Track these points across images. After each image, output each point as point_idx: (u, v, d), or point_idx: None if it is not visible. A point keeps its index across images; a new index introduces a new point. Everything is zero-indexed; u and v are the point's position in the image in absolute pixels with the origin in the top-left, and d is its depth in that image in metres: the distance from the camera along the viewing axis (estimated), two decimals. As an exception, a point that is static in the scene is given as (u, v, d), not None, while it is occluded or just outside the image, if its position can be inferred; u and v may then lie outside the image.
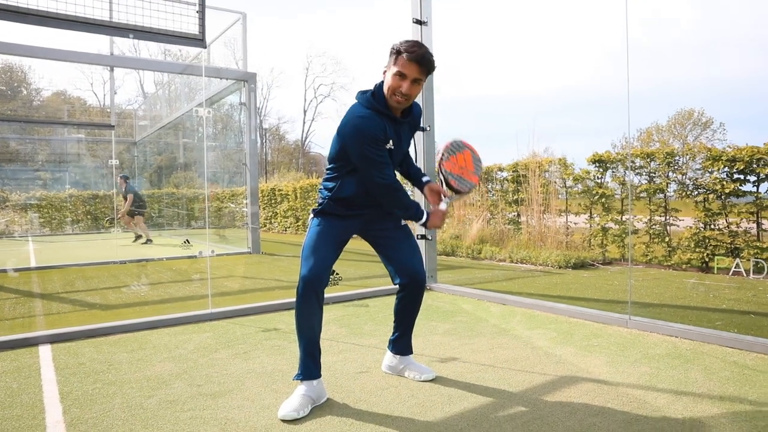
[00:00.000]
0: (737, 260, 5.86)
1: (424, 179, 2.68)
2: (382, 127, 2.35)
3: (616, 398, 2.37)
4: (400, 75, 2.30)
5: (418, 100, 5.04)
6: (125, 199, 10.74)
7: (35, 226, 13.13)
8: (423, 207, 2.53)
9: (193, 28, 4.18)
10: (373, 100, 2.39)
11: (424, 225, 2.49)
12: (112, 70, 11.44)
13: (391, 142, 2.40)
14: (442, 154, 2.57)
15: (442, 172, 2.54)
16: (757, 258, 5.74)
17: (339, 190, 2.44)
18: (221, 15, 9.07)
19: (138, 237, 10.95)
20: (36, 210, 13.30)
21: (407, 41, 2.33)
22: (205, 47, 4.67)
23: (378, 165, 2.34)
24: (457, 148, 2.60)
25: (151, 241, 10.77)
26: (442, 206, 2.55)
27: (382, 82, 2.41)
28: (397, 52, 2.31)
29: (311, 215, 2.53)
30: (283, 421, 2.19)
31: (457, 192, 2.56)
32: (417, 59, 2.27)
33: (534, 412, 2.24)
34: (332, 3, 50.81)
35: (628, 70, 3.59)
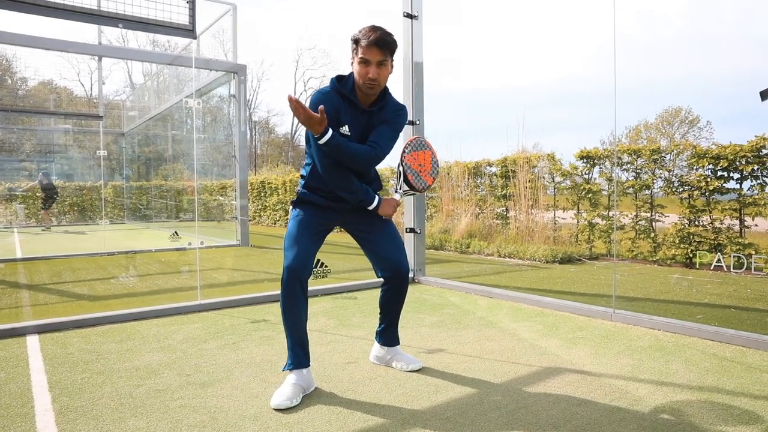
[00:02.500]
0: (719, 255, 5.97)
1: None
2: (336, 107, 2.37)
3: (599, 388, 2.42)
4: (365, 62, 2.33)
5: (408, 93, 5.08)
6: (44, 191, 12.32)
7: (20, 218, 12.98)
8: (374, 193, 2.51)
9: (183, 19, 4.16)
10: (337, 82, 2.42)
11: (375, 210, 2.51)
12: (99, 59, 11.31)
13: (346, 127, 2.39)
14: (405, 147, 2.58)
15: (402, 164, 2.55)
16: (738, 254, 5.85)
17: (311, 177, 2.48)
18: (211, 6, 9.02)
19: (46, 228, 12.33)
20: (21, 201, 13.15)
21: (364, 28, 2.35)
22: (195, 38, 4.65)
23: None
24: (419, 145, 2.62)
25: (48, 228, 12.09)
26: (396, 197, 2.58)
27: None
28: (356, 41, 2.35)
29: (291, 206, 2.56)
30: (276, 410, 2.21)
31: (411, 187, 2.57)
32: (375, 42, 2.30)
33: (519, 402, 2.28)
34: (323, -4, 50.51)
35: (615, 69, 3.64)
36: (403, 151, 2.57)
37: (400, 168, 2.56)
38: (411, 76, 5.01)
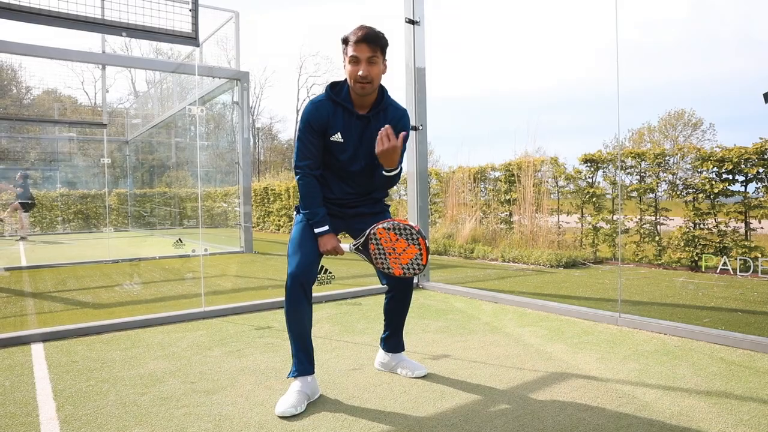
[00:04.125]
0: (725, 258, 5.94)
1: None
2: (325, 115, 2.36)
3: (606, 394, 2.41)
4: (354, 60, 2.29)
5: (410, 98, 5.08)
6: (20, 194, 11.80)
7: (26, 225, 13.02)
8: (326, 222, 2.38)
9: (186, 27, 4.17)
10: (331, 90, 2.40)
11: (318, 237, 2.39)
12: (103, 68, 11.38)
13: (339, 134, 2.38)
14: (388, 221, 2.27)
15: (371, 232, 2.28)
16: (744, 257, 5.81)
17: None
18: (214, 13, 9.06)
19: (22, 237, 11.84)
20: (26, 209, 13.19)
21: (353, 28, 2.33)
22: (198, 46, 4.67)
23: (298, 150, 2.39)
24: (407, 235, 2.24)
25: (24, 238, 11.62)
26: (345, 246, 2.38)
27: None
28: (344, 41, 2.33)
29: (295, 212, 2.56)
30: (281, 417, 2.20)
31: (368, 255, 2.31)
32: (363, 38, 2.27)
33: (525, 408, 2.27)
34: (326, 2, 50.78)
35: (618, 72, 3.63)
36: (382, 222, 2.28)
37: (368, 233, 2.30)
38: (413, 81, 5.02)
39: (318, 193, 2.40)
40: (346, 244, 2.42)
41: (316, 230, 2.38)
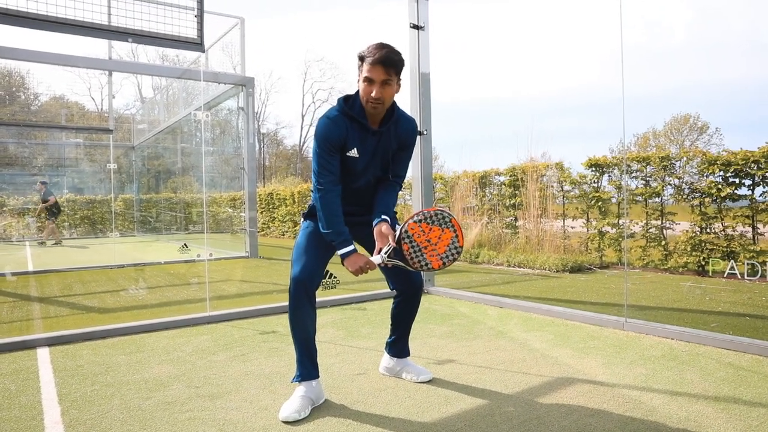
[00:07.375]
0: (732, 263, 5.89)
1: (382, 216, 2.37)
2: (343, 131, 2.32)
3: (612, 399, 2.39)
4: (368, 80, 2.25)
5: (415, 103, 5.08)
6: (45, 202, 11.95)
7: (32, 231, 13.10)
8: (351, 241, 2.31)
9: (191, 33, 4.20)
10: (344, 104, 2.36)
11: (342, 260, 2.31)
12: (110, 74, 11.48)
13: (355, 150, 2.35)
14: (416, 215, 2.26)
15: (402, 230, 2.24)
16: (752, 261, 5.77)
17: None
18: (219, 20, 9.12)
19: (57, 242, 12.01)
20: (33, 214, 13.28)
21: (371, 45, 2.28)
22: (204, 51, 4.70)
23: (318, 168, 2.31)
24: (440, 221, 2.24)
25: (60, 243, 11.92)
26: (375, 259, 2.26)
27: None
28: (361, 59, 2.28)
29: (302, 218, 2.55)
30: (285, 422, 2.20)
31: (402, 259, 2.24)
32: (380, 61, 2.22)
33: (531, 413, 2.25)
34: (331, 8, 51.05)
35: (623, 76, 3.63)
36: (411, 218, 2.26)
37: (398, 231, 2.26)
38: (418, 86, 5.02)
39: (340, 212, 2.33)
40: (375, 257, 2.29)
41: (343, 251, 2.29)
